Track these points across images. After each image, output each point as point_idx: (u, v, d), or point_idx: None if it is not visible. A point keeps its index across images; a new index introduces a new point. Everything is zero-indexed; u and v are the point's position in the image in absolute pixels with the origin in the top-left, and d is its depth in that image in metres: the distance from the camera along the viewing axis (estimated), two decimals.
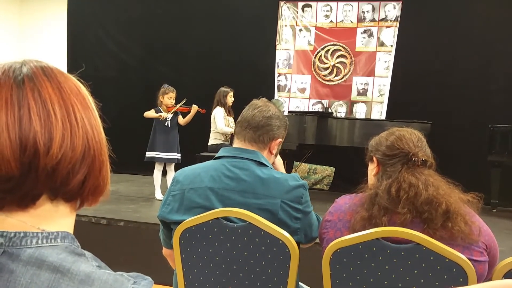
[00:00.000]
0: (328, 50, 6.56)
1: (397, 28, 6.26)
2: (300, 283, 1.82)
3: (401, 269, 1.35)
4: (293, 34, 6.72)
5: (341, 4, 6.52)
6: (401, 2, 6.24)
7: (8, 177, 0.60)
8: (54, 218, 0.66)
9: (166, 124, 5.09)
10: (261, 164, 1.67)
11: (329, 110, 6.33)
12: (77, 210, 0.70)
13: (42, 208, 0.65)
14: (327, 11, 6.58)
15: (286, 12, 6.73)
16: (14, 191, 0.62)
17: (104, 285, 0.62)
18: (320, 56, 6.60)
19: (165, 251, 1.82)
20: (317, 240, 1.68)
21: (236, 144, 1.76)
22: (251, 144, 1.72)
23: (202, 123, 5.50)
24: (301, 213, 1.62)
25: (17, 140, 0.60)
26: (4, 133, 0.60)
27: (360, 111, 6.47)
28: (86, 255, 0.66)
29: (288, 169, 6.19)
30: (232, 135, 5.05)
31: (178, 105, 5.13)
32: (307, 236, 1.65)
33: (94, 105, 0.70)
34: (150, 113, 5.10)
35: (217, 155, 1.73)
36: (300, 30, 6.69)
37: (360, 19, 6.45)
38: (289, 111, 6.09)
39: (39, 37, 8.07)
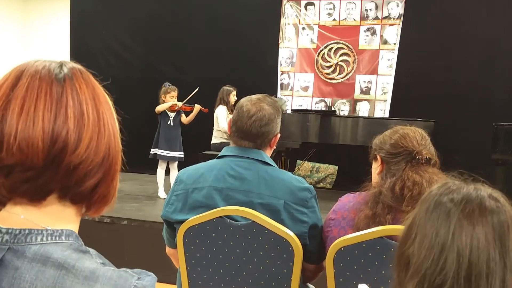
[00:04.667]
0: (331, 48, 6.54)
1: (400, 26, 6.23)
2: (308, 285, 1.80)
3: None
4: (296, 32, 6.70)
5: (344, 2, 6.49)
6: (404, 0, 6.21)
7: (31, 167, 0.62)
8: (60, 218, 0.67)
9: (169, 122, 5.09)
10: (266, 163, 1.65)
11: (332, 109, 6.31)
12: (81, 215, 0.71)
13: (50, 206, 0.66)
14: (330, 9, 6.56)
15: (289, 10, 6.71)
16: (31, 182, 0.63)
17: (108, 281, 0.62)
18: (323, 54, 6.58)
19: (168, 250, 1.82)
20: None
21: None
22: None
23: (205, 121, 5.50)
24: (307, 217, 1.59)
25: (49, 132, 0.62)
26: (39, 123, 0.62)
27: (363, 110, 6.44)
28: (90, 252, 0.67)
29: (291, 167, 6.19)
30: None
31: (191, 95, 5.12)
32: (314, 240, 1.62)
33: (116, 116, 0.73)
34: (163, 106, 5.03)
35: (220, 154, 1.71)
36: (303, 28, 6.67)
37: (363, 17, 6.43)
38: (292, 110, 6.08)
39: (43, 36, 8.08)
